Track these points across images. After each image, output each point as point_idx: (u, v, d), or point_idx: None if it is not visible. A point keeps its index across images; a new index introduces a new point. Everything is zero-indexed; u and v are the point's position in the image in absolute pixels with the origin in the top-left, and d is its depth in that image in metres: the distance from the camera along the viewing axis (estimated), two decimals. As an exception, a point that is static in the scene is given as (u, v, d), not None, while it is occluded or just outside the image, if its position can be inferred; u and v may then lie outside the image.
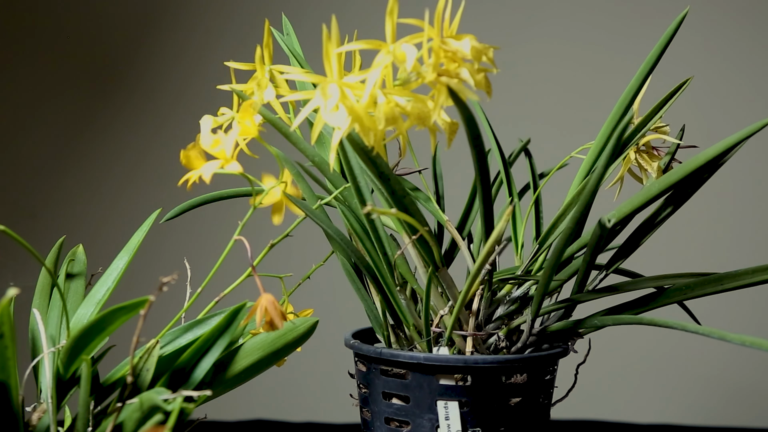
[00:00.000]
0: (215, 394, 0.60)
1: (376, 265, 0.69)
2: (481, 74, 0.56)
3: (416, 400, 0.67)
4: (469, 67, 0.54)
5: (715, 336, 0.56)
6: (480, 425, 0.66)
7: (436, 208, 0.78)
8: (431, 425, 0.67)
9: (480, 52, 0.55)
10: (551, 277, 0.65)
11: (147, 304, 0.50)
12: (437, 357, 0.66)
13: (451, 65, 0.54)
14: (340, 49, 0.54)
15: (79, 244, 0.71)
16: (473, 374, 0.66)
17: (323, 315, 0.74)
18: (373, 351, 0.69)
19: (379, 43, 0.54)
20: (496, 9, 1.53)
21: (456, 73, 0.54)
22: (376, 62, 0.54)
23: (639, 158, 0.74)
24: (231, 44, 1.64)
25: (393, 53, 0.53)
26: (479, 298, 0.69)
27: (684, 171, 0.64)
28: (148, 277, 0.96)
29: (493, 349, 0.70)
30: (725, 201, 1.50)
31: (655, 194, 0.66)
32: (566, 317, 0.73)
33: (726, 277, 0.65)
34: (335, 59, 0.54)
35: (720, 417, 1.50)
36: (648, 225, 0.71)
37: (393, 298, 0.70)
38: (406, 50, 0.53)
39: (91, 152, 1.70)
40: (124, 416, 0.54)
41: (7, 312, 0.49)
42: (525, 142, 0.82)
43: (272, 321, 0.56)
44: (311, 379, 1.57)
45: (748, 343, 0.54)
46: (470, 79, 0.54)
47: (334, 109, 0.53)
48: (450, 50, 0.54)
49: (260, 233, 0.64)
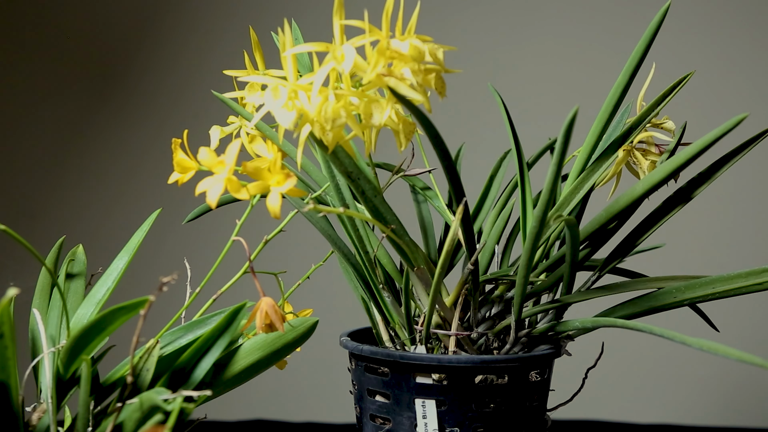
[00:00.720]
0: (215, 394, 0.60)
1: (362, 262, 0.70)
2: (432, 74, 0.56)
3: (396, 397, 0.68)
4: (413, 66, 0.55)
5: (677, 340, 0.56)
6: (457, 425, 0.66)
7: (443, 207, 0.78)
8: (410, 423, 0.67)
9: (422, 53, 0.55)
10: (526, 277, 0.64)
11: (147, 304, 0.50)
12: (412, 355, 0.66)
13: (399, 65, 0.55)
14: (292, 50, 0.55)
15: (79, 244, 0.71)
16: (449, 374, 0.66)
17: (323, 315, 0.74)
18: (356, 348, 0.69)
19: (328, 45, 0.55)
20: (499, 9, 1.53)
21: (400, 73, 0.55)
22: (323, 63, 0.55)
23: (633, 156, 0.73)
24: (231, 44, 1.64)
25: (333, 54, 0.54)
26: (464, 298, 0.69)
27: (665, 170, 0.64)
28: (148, 277, 0.96)
29: (484, 350, 0.70)
30: (724, 201, 1.50)
31: (639, 195, 0.65)
32: (559, 319, 0.72)
33: (718, 281, 0.64)
34: (290, 61, 0.55)
35: (720, 417, 1.50)
36: (646, 225, 0.71)
37: (379, 296, 0.70)
38: (346, 51, 0.54)
39: (90, 152, 1.70)
40: (124, 416, 0.54)
41: (7, 312, 0.49)
42: (551, 141, 0.82)
43: (272, 324, 0.57)
44: (311, 379, 1.57)
45: (705, 348, 0.54)
46: (413, 78, 0.54)
47: (288, 109, 0.54)
48: (395, 51, 0.55)
49: (260, 233, 0.64)
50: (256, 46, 0.69)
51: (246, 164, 0.57)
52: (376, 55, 0.54)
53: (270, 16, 1.59)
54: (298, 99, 0.54)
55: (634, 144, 0.73)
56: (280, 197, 0.57)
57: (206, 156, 0.58)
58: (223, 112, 0.72)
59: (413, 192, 0.81)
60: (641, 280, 0.70)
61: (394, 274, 0.72)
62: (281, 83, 0.54)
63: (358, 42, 0.55)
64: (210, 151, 0.58)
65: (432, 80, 0.56)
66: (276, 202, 0.56)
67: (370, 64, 0.54)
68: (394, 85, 0.54)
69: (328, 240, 0.71)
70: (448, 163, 0.60)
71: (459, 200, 0.63)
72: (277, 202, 0.56)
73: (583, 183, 0.71)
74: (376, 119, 0.55)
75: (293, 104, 0.54)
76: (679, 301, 0.66)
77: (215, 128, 0.70)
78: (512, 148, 0.76)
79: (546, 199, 0.60)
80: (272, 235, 0.64)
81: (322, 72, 0.54)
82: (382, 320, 0.72)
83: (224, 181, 0.56)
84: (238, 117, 0.71)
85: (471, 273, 0.67)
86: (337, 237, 0.71)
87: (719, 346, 0.53)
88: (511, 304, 0.72)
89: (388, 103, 0.55)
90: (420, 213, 0.81)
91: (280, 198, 0.57)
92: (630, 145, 0.73)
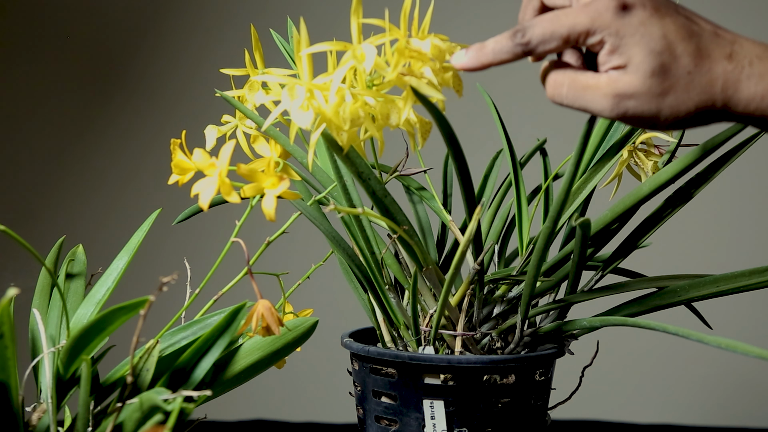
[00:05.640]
0: (215, 394, 0.60)
1: (367, 263, 0.70)
2: (449, 72, 0.56)
3: (403, 398, 0.67)
4: (432, 65, 0.55)
5: (693, 338, 0.56)
6: (466, 425, 0.66)
7: (440, 208, 0.77)
8: (418, 424, 0.67)
9: (443, 51, 0.55)
10: (536, 277, 0.64)
11: (147, 304, 0.50)
12: (421, 356, 0.66)
13: (417, 65, 0.55)
14: (307, 50, 0.54)
15: (79, 244, 0.71)
16: (457, 374, 0.66)
17: (323, 315, 0.74)
18: (362, 349, 0.69)
19: (346, 44, 0.55)
20: (491, 8, 1.53)
21: (420, 73, 0.54)
22: (341, 62, 0.54)
23: (635, 157, 0.74)
24: (231, 44, 1.64)
25: (353, 53, 0.54)
26: (469, 298, 0.69)
27: (672, 171, 0.64)
28: (148, 277, 0.96)
29: (487, 350, 0.70)
30: (725, 201, 1.50)
31: (645, 194, 0.65)
32: (562, 318, 0.72)
33: (722, 279, 0.65)
34: (306, 61, 0.55)
35: (720, 417, 1.50)
36: (647, 224, 0.71)
37: (384, 297, 0.70)
38: (366, 50, 0.54)
39: (91, 152, 1.70)
40: (124, 416, 0.54)
41: (7, 312, 0.49)
42: (541, 142, 0.82)
43: (269, 327, 0.57)
44: (311, 379, 1.57)
45: (723, 346, 0.54)
46: (433, 78, 0.54)
47: (304, 110, 0.53)
48: (414, 50, 0.54)
49: (260, 233, 0.64)
50: (257, 45, 0.69)
51: (240, 166, 0.57)
52: (397, 54, 0.54)
53: (270, 16, 1.59)
54: (315, 99, 0.54)
55: (636, 145, 0.74)
56: (275, 200, 0.56)
57: (200, 157, 0.58)
58: (223, 111, 0.72)
59: (408, 193, 0.81)
60: (644, 279, 0.70)
61: (399, 276, 0.71)
62: (298, 82, 0.54)
63: (378, 41, 0.55)
64: (203, 153, 0.58)
65: (450, 79, 0.56)
66: (271, 205, 0.56)
67: (391, 64, 0.54)
68: (416, 85, 0.54)
69: (331, 241, 0.70)
70: (460, 163, 0.60)
71: (470, 200, 0.63)
72: (272, 204, 0.56)
73: (586, 183, 0.71)
74: (394, 120, 0.55)
75: (309, 104, 0.53)
76: (684, 300, 0.66)
77: (211, 128, 0.69)
78: (505, 148, 0.76)
79: (561, 200, 0.60)
80: (274, 237, 0.64)
81: (341, 71, 0.53)
82: (386, 321, 0.72)
83: (216, 184, 0.55)
84: (234, 116, 0.70)
85: (477, 273, 0.67)
86: (341, 238, 0.70)
87: (738, 344, 0.53)
88: (513, 303, 0.72)
89: (406, 103, 0.55)
90: (417, 214, 0.81)
91: (275, 201, 0.56)
92: (632, 145, 0.73)
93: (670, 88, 0.50)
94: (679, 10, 0.52)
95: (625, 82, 0.51)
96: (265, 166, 0.58)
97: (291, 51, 0.77)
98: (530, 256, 0.73)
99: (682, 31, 0.51)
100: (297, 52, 0.55)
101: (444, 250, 0.80)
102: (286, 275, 0.70)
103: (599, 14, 0.51)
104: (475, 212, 0.61)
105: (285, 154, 0.65)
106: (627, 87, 0.50)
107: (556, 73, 0.53)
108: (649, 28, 0.50)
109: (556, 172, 0.78)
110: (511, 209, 0.78)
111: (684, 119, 0.51)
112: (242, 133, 0.69)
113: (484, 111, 0.81)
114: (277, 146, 0.64)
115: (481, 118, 1.04)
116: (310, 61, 0.55)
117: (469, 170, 0.61)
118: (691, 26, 0.51)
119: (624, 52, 0.50)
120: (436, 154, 0.83)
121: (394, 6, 0.57)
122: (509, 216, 0.78)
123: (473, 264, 0.67)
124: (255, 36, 0.70)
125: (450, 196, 0.82)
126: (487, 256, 0.77)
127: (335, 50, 0.55)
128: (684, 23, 0.51)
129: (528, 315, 0.68)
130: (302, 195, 0.72)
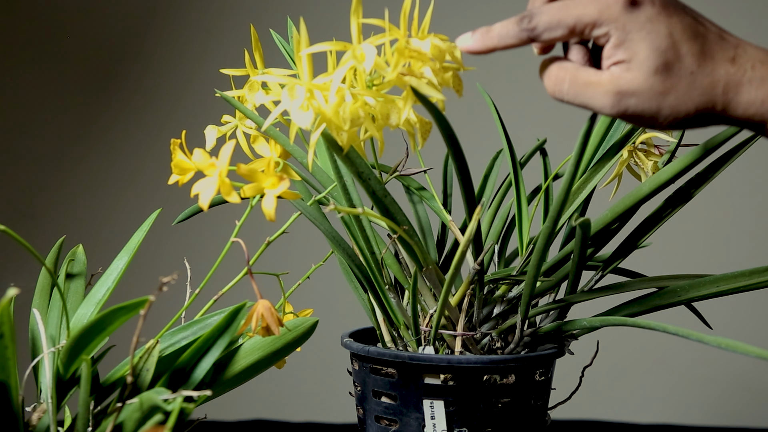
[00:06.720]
0: (215, 394, 0.60)
1: (367, 263, 0.70)
2: (449, 72, 0.56)
3: (403, 398, 0.67)
4: (432, 65, 0.55)
5: (693, 338, 0.56)
6: (466, 425, 0.66)
7: (440, 208, 0.77)
8: (418, 424, 0.67)
9: (443, 51, 0.55)
10: (536, 277, 0.64)
11: (147, 304, 0.50)
12: (421, 356, 0.66)
13: (417, 65, 0.55)
14: (307, 50, 0.54)
15: (79, 244, 0.71)
16: (457, 374, 0.66)
17: (323, 315, 0.74)
18: (362, 349, 0.69)
19: (346, 44, 0.55)
20: (490, 8, 1.52)
21: (420, 72, 0.54)
22: (341, 62, 0.54)
23: (635, 157, 0.74)
24: (231, 44, 1.64)
25: (353, 53, 0.54)
26: (469, 298, 0.69)
27: (673, 170, 0.64)
28: (148, 277, 0.96)
29: (487, 350, 0.70)
30: (725, 201, 1.50)
31: (645, 194, 0.65)
32: (562, 318, 0.72)
33: (722, 279, 0.65)
34: (306, 61, 0.55)
35: (720, 417, 1.50)
36: (647, 224, 0.71)
37: (384, 297, 0.70)
38: (366, 50, 0.54)
39: (91, 152, 1.70)
40: (124, 416, 0.54)
41: (7, 312, 0.49)
42: (541, 142, 0.82)
43: (268, 327, 0.57)
44: (311, 379, 1.57)
45: (723, 346, 0.54)
46: (433, 78, 0.54)
47: (304, 110, 0.53)
48: (414, 50, 0.54)
49: (261, 233, 0.64)
50: (256, 45, 0.69)
51: (240, 166, 0.57)
52: (397, 54, 0.54)
53: (270, 16, 1.59)
54: (315, 99, 0.54)
55: (636, 145, 0.74)
56: (275, 200, 0.56)
57: (200, 157, 0.58)
58: (223, 111, 0.72)
59: (408, 193, 0.81)
60: (644, 279, 0.70)
61: (399, 275, 0.71)
62: (298, 83, 0.54)
63: (378, 41, 0.55)
64: (203, 153, 0.58)
65: (450, 79, 0.56)
66: (271, 205, 0.56)
67: (391, 64, 0.54)
68: (416, 85, 0.54)
69: (331, 242, 0.70)
70: (460, 163, 0.60)
71: (470, 200, 0.63)
72: (272, 205, 0.56)
73: (586, 183, 0.71)
74: (394, 120, 0.55)
75: (309, 104, 0.53)
76: (684, 300, 0.66)
77: (211, 128, 0.69)
78: (505, 148, 0.76)
79: (561, 200, 0.60)
80: (274, 237, 0.64)
81: (341, 71, 0.53)
82: (386, 321, 0.72)
83: (216, 184, 0.55)
84: (234, 116, 0.70)
85: (477, 273, 0.67)
86: (341, 238, 0.70)
87: (738, 344, 0.53)
88: (513, 303, 0.72)
89: (406, 103, 0.55)
90: (417, 214, 0.81)
91: (275, 201, 0.56)
92: (632, 145, 0.74)
93: (671, 87, 0.50)
94: (686, 10, 0.52)
95: (627, 79, 0.51)
96: (265, 166, 0.58)
97: (291, 51, 0.77)
98: (530, 256, 0.73)
99: (689, 31, 0.51)
100: (297, 52, 0.55)
101: (444, 250, 0.80)
102: (286, 275, 0.70)
103: (608, 7, 0.51)
104: (475, 212, 0.61)
105: (285, 154, 0.65)
106: (629, 84, 0.50)
107: (558, 69, 0.53)
108: (656, 26, 0.50)
109: (556, 172, 0.78)
110: (511, 209, 0.78)
111: (683, 120, 0.51)
112: (242, 133, 0.69)
113: (484, 111, 0.81)
114: (277, 146, 0.64)
115: (481, 118, 1.04)
116: (310, 61, 0.55)
117: (469, 170, 0.61)
118: (697, 27, 0.51)
119: (629, 47, 0.50)
120: (436, 154, 0.83)
121: (394, 6, 0.57)
122: (509, 216, 0.78)
123: (473, 264, 0.67)
124: (255, 36, 0.70)
125: (450, 196, 0.82)
126: (487, 256, 0.77)
127: (335, 50, 0.55)
128: (691, 23, 0.51)
129: (528, 315, 0.68)
130: (302, 195, 0.72)
